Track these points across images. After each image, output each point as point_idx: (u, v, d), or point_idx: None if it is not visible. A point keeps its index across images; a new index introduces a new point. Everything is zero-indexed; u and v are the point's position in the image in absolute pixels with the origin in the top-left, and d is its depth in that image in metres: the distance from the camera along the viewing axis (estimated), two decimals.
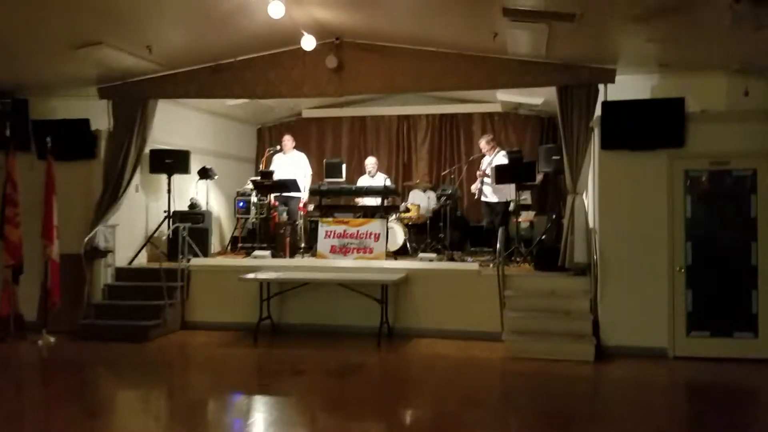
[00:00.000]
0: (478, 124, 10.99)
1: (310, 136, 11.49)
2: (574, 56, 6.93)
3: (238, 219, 9.76)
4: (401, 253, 9.62)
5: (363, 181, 9.42)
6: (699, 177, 6.57)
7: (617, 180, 6.76)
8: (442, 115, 11.24)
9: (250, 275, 7.32)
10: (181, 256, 7.81)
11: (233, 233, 9.90)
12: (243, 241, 9.71)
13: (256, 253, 8.14)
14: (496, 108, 10.83)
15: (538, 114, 10.87)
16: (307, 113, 11.26)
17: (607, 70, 6.98)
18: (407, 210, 9.13)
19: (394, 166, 11.37)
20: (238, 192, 9.91)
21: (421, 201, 10.42)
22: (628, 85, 7.06)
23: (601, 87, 7.03)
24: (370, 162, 9.50)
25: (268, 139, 11.39)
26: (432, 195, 10.14)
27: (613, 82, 6.97)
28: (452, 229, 10.31)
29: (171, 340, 7.47)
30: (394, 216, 9.91)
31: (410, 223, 10.17)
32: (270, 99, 8.57)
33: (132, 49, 7.06)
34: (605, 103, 6.71)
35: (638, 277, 6.66)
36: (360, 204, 9.40)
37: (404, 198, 10.91)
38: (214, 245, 9.93)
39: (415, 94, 10.95)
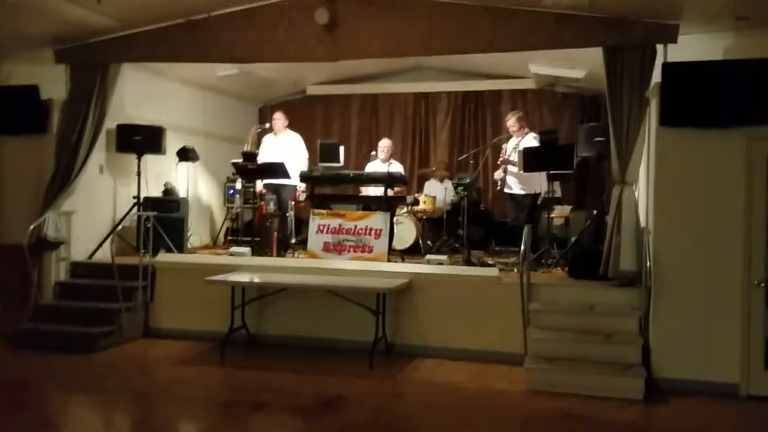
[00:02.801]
0: (508, 103, 9.54)
1: (315, 116, 10.19)
2: (625, 8, 5.44)
3: (228, 209, 8.53)
4: (412, 252, 8.28)
5: (373, 168, 8.04)
6: None
7: (679, 166, 5.25)
8: (465, 93, 9.82)
9: (219, 277, 6.04)
10: (143, 251, 6.57)
11: (222, 224, 8.68)
12: (234, 234, 8.50)
13: (234, 249, 6.84)
14: (529, 84, 9.40)
15: (579, 92, 9.36)
16: (311, 90, 9.96)
17: (667, 26, 5.46)
18: (416, 202, 7.71)
19: (410, 152, 10.02)
20: (228, 178, 8.67)
21: (437, 192, 9.06)
22: (694, 47, 5.55)
23: (659, 48, 5.52)
24: (384, 145, 8.11)
25: (270, 119, 10.08)
26: (450, 185, 8.74)
27: (674, 41, 5.45)
28: (473, 224, 8.91)
29: (124, 351, 6.24)
30: (405, 209, 8.57)
31: (424, 218, 8.81)
32: (250, 64, 7.26)
33: None
34: (667, 65, 5.19)
35: (703, 293, 5.16)
36: (363, 194, 8.04)
37: (420, 188, 9.56)
38: (202, 238, 8.75)
39: (435, 68, 9.69)
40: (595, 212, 7.07)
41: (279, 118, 7.94)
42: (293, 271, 6.44)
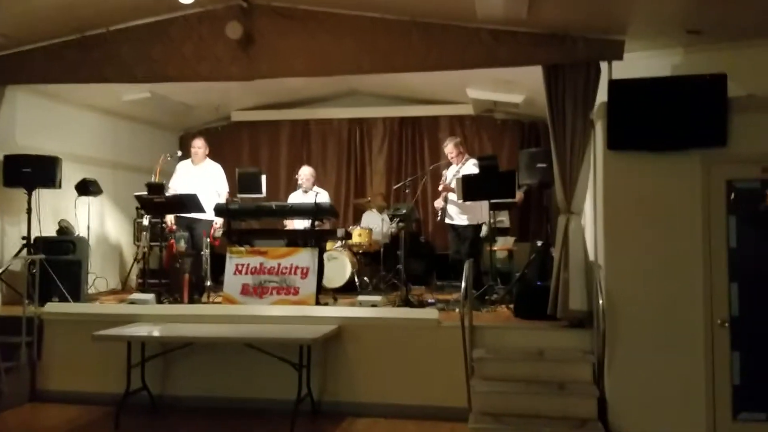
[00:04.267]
0: (446, 129, 9.04)
1: (241, 144, 9.46)
2: (566, 23, 4.98)
3: (139, 248, 7.64)
4: (348, 289, 7.59)
5: (295, 198, 7.33)
6: (748, 190, 4.58)
7: (630, 194, 4.75)
8: (402, 119, 9.29)
9: (111, 331, 5.17)
10: (27, 301, 5.63)
11: (131, 266, 7.78)
12: (152, 276, 7.60)
13: (135, 296, 5.96)
14: (467, 110, 8.96)
15: (518, 118, 8.98)
16: (236, 116, 9.22)
17: (612, 42, 5.01)
18: (348, 236, 7.03)
19: (345, 182, 9.37)
20: (139, 213, 7.80)
21: (375, 224, 8.42)
22: (641, 66, 5.11)
23: (604, 67, 5.07)
24: (304, 174, 7.39)
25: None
26: (387, 217, 8.13)
27: (620, 58, 4.99)
28: (413, 258, 8.32)
29: (4, 421, 5.26)
30: (339, 243, 7.88)
31: (361, 252, 8.15)
32: (164, 89, 6.52)
33: None
34: (614, 83, 4.72)
35: (662, 335, 4.63)
36: (288, 228, 7.30)
37: (357, 220, 8.90)
38: (109, 282, 7.81)
39: (370, 93, 9.14)
40: (540, 244, 6.55)
41: (200, 146, 7.15)
42: (205, 320, 5.62)
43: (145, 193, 6.29)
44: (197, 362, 5.52)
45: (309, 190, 7.13)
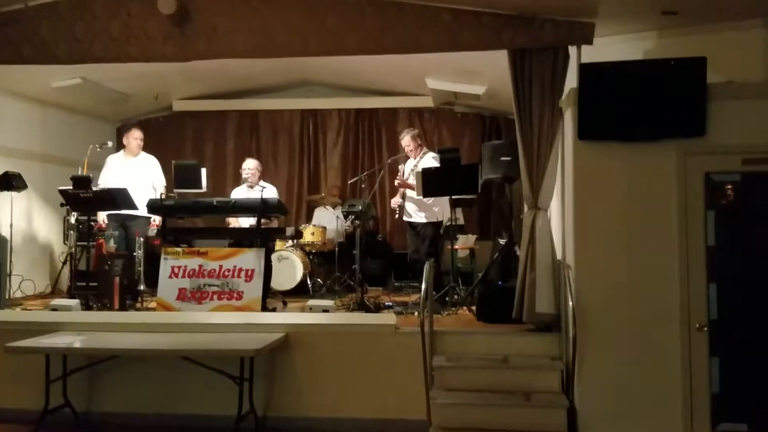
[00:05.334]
0: (405, 122, 8.61)
1: (184, 136, 8.84)
2: (532, 4, 4.58)
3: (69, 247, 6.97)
4: (299, 292, 7.09)
5: (239, 194, 6.77)
6: (727, 183, 4.26)
7: (602, 188, 4.38)
8: (358, 111, 8.82)
9: (27, 342, 4.55)
10: None
11: (61, 268, 7.11)
12: (79, 279, 6.95)
13: (56, 303, 5.33)
14: (426, 103, 8.54)
15: (479, 111, 8.62)
16: (178, 105, 8.59)
17: (581, 24, 4.62)
18: (298, 234, 6.52)
19: (297, 176, 8.85)
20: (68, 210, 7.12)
21: (329, 221, 7.95)
22: (611, 51, 4.77)
23: (572, 52, 4.70)
24: (249, 167, 6.84)
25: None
26: (341, 214, 7.66)
27: (590, 42, 4.62)
28: (370, 258, 7.88)
29: None
30: (291, 243, 7.37)
31: (314, 252, 7.66)
32: (78, 67, 5.92)
33: None
34: (585, 67, 4.34)
35: (636, 339, 4.27)
36: (233, 227, 6.74)
37: (309, 217, 8.40)
38: (36, 284, 7.13)
39: (325, 84, 8.64)
40: (503, 242, 6.18)
41: (137, 137, 6.56)
42: (136, 329, 5.03)
43: (71, 187, 5.65)
44: (128, 375, 4.95)
45: (255, 185, 6.57)
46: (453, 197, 5.92)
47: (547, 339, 4.69)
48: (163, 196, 6.03)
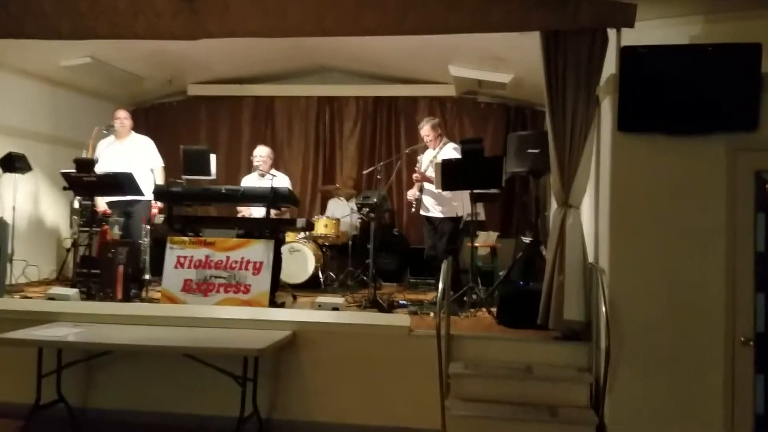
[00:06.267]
0: (425, 111, 8.21)
1: (198, 122, 8.55)
2: None
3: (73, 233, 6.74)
4: (311, 286, 6.79)
5: (250, 182, 6.47)
6: None
7: (641, 184, 4.00)
8: (376, 99, 8.46)
9: (19, 333, 4.30)
10: None
11: (68, 254, 6.88)
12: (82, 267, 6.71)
13: (54, 291, 5.07)
14: (448, 91, 8.18)
15: (503, 101, 8.22)
16: (193, 89, 8.32)
17: (621, 5, 4.22)
18: (309, 226, 6.20)
19: (312, 166, 8.53)
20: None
21: (343, 213, 7.64)
22: (653, 36, 4.34)
23: (611, 35, 4.31)
24: (262, 154, 6.53)
25: (144, 125, 8.30)
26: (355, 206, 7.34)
27: (631, 25, 4.22)
28: (385, 252, 7.55)
29: None
30: (303, 234, 7.06)
31: (327, 245, 7.35)
32: (104, 54, 5.65)
33: None
34: (627, 51, 3.95)
35: (674, 352, 3.91)
36: (243, 217, 6.44)
37: (322, 209, 8.10)
38: (41, 270, 6.91)
39: (342, 70, 8.30)
40: (527, 241, 5.81)
41: (124, 117, 6.28)
42: (137, 321, 4.77)
43: (73, 170, 5.39)
44: (126, 371, 4.69)
45: (266, 174, 6.26)
46: (474, 191, 5.56)
47: (574, 349, 4.34)
48: (160, 179, 5.72)
